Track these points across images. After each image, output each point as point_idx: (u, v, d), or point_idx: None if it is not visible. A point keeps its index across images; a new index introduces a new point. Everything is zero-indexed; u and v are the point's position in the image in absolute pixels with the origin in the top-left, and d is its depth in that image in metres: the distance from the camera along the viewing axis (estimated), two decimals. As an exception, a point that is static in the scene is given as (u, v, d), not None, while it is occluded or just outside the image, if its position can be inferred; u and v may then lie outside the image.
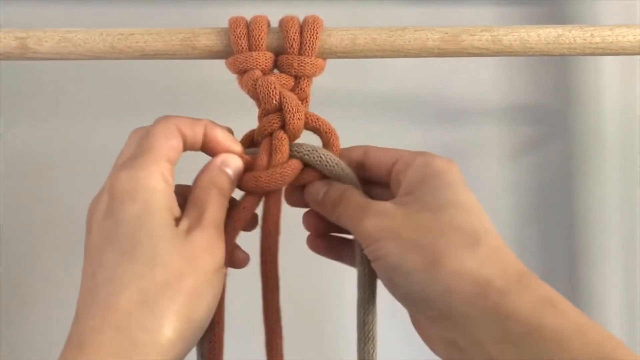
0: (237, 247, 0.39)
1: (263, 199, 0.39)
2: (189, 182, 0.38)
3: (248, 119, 0.43)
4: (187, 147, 0.37)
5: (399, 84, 0.69)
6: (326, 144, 0.41)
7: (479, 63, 0.60)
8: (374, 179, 0.40)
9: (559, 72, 0.69)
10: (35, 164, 0.67)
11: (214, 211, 0.35)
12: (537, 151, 0.71)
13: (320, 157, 0.39)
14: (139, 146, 0.35)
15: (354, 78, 0.67)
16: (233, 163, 0.37)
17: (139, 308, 0.30)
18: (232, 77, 0.42)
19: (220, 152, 0.38)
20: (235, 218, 0.37)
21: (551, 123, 0.70)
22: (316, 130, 0.41)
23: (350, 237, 0.41)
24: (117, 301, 0.30)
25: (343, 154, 0.40)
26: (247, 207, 0.38)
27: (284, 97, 0.39)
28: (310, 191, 0.39)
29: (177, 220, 0.34)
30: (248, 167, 0.39)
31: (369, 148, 0.40)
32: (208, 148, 0.38)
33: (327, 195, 0.38)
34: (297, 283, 0.43)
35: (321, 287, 0.45)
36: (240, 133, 0.43)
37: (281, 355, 0.39)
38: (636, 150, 0.66)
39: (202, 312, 0.32)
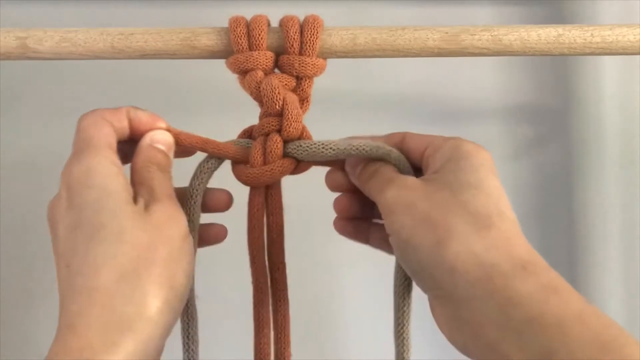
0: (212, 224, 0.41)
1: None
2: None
3: (248, 119, 0.43)
4: (118, 135, 0.38)
5: (399, 84, 0.69)
6: None
7: (479, 63, 0.60)
8: (412, 165, 0.40)
9: (559, 72, 0.69)
10: (35, 164, 0.67)
11: (161, 185, 0.36)
12: (537, 151, 0.71)
13: (313, 151, 0.39)
14: (77, 143, 0.36)
15: (354, 78, 0.67)
16: (162, 138, 0.38)
17: (118, 284, 0.30)
18: (233, 77, 0.42)
19: (148, 132, 0.39)
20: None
21: (551, 123, 0.70)
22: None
23: (379, 221, 0.41)
24: (96, 283, 0.31)
25: (380, 140, 0.41)
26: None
27: (286, 104, 0.39)
28: (352, 165, 0.40)
29: (134, 201, 0.34)
30: (241, 159, 0.40)
31: (407, 134, 0.41)
32: (136, 132, 0.39)
33: (364, 169, 0.39)
34: (295, 283, 0.43)
35: (319, 288, 0.45)
36: (239, 132, 0.43)
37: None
38: (636, 150, 0.66)
39: (181, 278, 0.33)
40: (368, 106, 0.69)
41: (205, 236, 0.41)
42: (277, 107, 0.39)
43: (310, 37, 0.40)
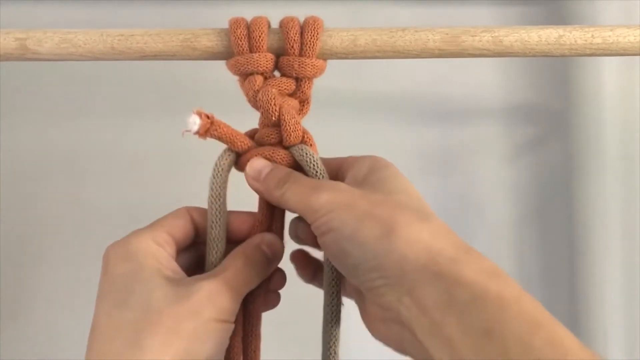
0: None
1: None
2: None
3: (248, 118, 0.43)
4: (199, 231, 0.39)
5: (399, 84, 0.69)
6: None
7: (479, 63, 0.60)
8: None
9: (559, 72, 0.69)
10: (35, 164, 0.67)
11: (235, 274, 0.36)
12: (537, 151, 0.71)
13: (309, 162, 0.39)
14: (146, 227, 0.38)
15: (354, 78, 0.67)
16: (270, 242, 0.39)
17: (132, 349, 0.32)
18: (232, 78, 0.42)
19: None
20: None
21: (551, 123, 0.70)
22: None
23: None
24: (111, 346, 0.32)
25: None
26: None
27: (282, 115, 0.39)
28: (254, 167, 0.39)
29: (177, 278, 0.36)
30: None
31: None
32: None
33: (271, 173, 0.39)
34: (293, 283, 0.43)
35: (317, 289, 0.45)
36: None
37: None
38: (636, 150, 0.66)
39: (203, 357, 0.33)
40: (368, 106, 0.69)
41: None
42: (273, 118, 0.39)
43: (311, 38, 0.40)
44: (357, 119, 0.68)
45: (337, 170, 0.40)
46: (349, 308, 0.40)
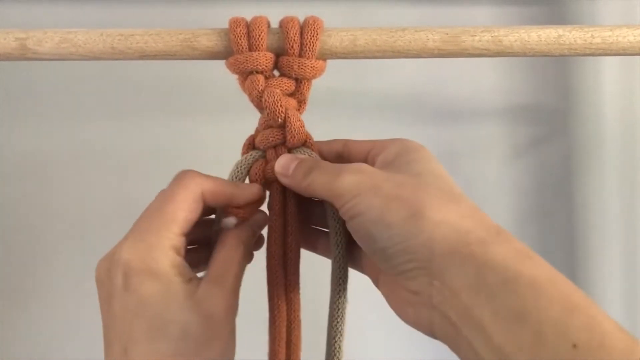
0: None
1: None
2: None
3: (247, 119, 0.43)
4: (208, 204, 0.38)
5: (399, 84, 0.69)
6: None
7: (479, 63, 0.60)
8: None
9: (559, 72, 0.69)
10: (35, 164, 0.67)
11: (237, 275, 0.36)
12: (537, 151, 0.71)
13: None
14: (157, 214, 0.36)
15: (354, 78, 0.67)
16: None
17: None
18: (232, 78, 0.42)
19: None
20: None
21: (551, 123, 0.70)
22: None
23: (323, 229, 0.42)
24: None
25: (322, 146, 0.41)
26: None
27: (288, 117, 0.40)
28: (281, 163, 0.39)
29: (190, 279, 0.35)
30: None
31: (349, 141, 0.41)
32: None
33: (299, 165, 0.38)
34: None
35: (317, 288, 0.45)
36: (240, 132, 0.43)
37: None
38: (636, 150, 0.66)
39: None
40: (368, 106, 0.69)
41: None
42: (279, 120, 0.40)
43: (310, 38, 0.40)
44: (357, 119, 0.68)
45: (366, 154, 0.39)
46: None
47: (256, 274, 0.41)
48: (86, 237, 0.67)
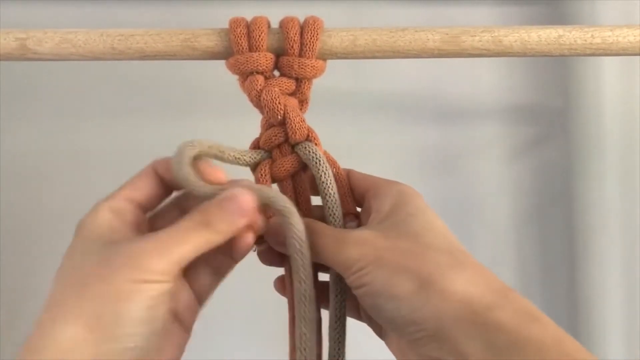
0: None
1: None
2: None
3: (247, 119, 0.43)
4: (170, 184, 0.38)
5: (399, 84, 0.69)
6: None
7: (479, 63, 0.60)
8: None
9: (559, 72, 0.69)
10: (35, 164, 0.67)
11: (174, 231, 0.34)
12: (537, 151, 0.71)
13: (313, 159, 0.40)
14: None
15: (354, 78, 0.67)
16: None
17: (45, 320, 0.32)
18: (233, 78, 0.42)
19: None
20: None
21: (551, 123, 0.70)
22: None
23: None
24: (38, 319, 0.33)
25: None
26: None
27: (287, 114, 0.40)
28: (272, 234, 0.38)
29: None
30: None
31: (351, 172, 0.42)
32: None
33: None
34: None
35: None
36: (241, 132, 0.43)
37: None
38: (636, 150, 0.66)
39: (114, 318, 0.32)
40: (368, 106, 0.69)
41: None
42: (278, 117, 0.40)
43: (310, 39, 0.40)
44: (357, 118, 0.68)
45: (363, 194, 0.40)
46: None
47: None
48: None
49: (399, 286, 0.32)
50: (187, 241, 0.34)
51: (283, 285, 0.41)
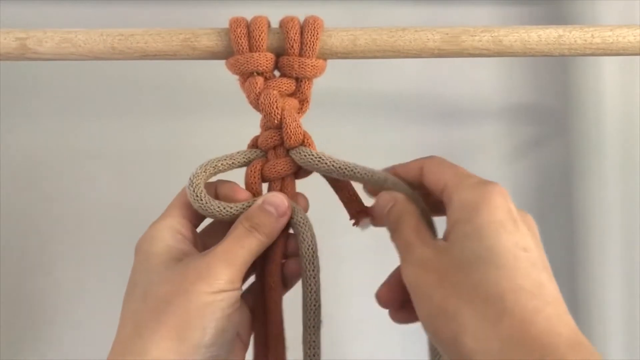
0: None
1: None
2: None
3: (247, 119, 0.43)
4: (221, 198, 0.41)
5: (399, 84, 0.69)
6: None
7: (479, 63, 0.60)
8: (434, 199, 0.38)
9: (559, 72, 0.69)
10: (35, 164, 0.67)
11: (232, 241, 0.37)
12: (537, 151, 0.71)
13: (309, 160, 0.40)
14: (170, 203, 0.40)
15: (354, 78, 0.67)
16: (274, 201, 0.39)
17: (131, 336, 0.34)
18: (232, 77, 0.42)
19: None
20: None
21: (551, 123, 0.70)
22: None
23: None
24: (118, 336, 0.35)
25: (400, 170, 0.39)
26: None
27: (284, 118, 0.40)
28: (379, 203, 0.39)
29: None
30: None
31: (425, 166, 0.38)
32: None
33: (390, 212, 0.38)
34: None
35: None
36: (241, 132, 0.43)
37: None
38: (636, 150, 0.66)
39: (197, 331, 0.34)
40: (368, 106, 0.69)
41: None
42: (275, 121, 0.40)
43: (310, 38, 0.40)
44: (357, 119, 0.68)
45: (442, 189, 0.35)
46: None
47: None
48: (86, 237, 0.67)
49: (439, 330, 0.31)
50: (244, 248, 0.37)
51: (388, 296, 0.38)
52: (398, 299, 0.37)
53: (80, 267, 0.67)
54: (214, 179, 0.41)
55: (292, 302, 0.41)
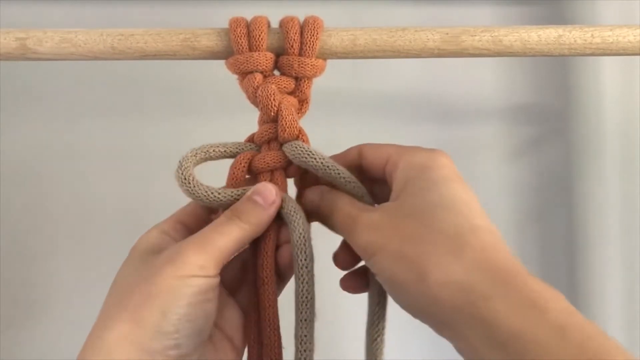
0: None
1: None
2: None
3: (247, 119, 0.43)
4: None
5: (399, 84, 0.69)
6: None
7: (479, 63, 0.60)
8: (374, 178, 0.39)
9: (559, 72, 0.69)
10: (35, 164, 0.67)
11: (213, 227, 0.37)
12: (537, 151, 0.71)
13: (299, 152, 0.39)
14: None
15: (354, 78, 0.67)
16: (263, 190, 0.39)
17: (96, 328, 0.35)
18: (232, 78, 0.42)
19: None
20: None
21: (551, 123, 0.70)
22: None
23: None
24: (92, 329, 0.35)
25: (339, 161, 0.40)
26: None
27: (280, 111, 0.39)
28: (308, 197, 0.40)
29: None
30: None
31: (363, 148, 0.39)
32: None
33: (320, 205, 0.39)
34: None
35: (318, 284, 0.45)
36: (240, 132, 0.43)
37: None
38: (636, 150, 0.66)
39: (158, 312, 0.33)
40: (368, 106, 0.69)
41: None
42: (272, 113, 0.40)
43: (310, 38, 0.40)
44: (357, 118, 0.68)
45: (384, 164, 0.37)
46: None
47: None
48: (86, 237, 0.67)
49: (400, 276, 0.32)
50: (222, 235, 0.36)
51: (352, 284, 0.40)
52: (354, 261, 0.39)
53: (80, 267, 0.67)
54: (203, 165, 0.40)
55: (291, 302, 0.41)
